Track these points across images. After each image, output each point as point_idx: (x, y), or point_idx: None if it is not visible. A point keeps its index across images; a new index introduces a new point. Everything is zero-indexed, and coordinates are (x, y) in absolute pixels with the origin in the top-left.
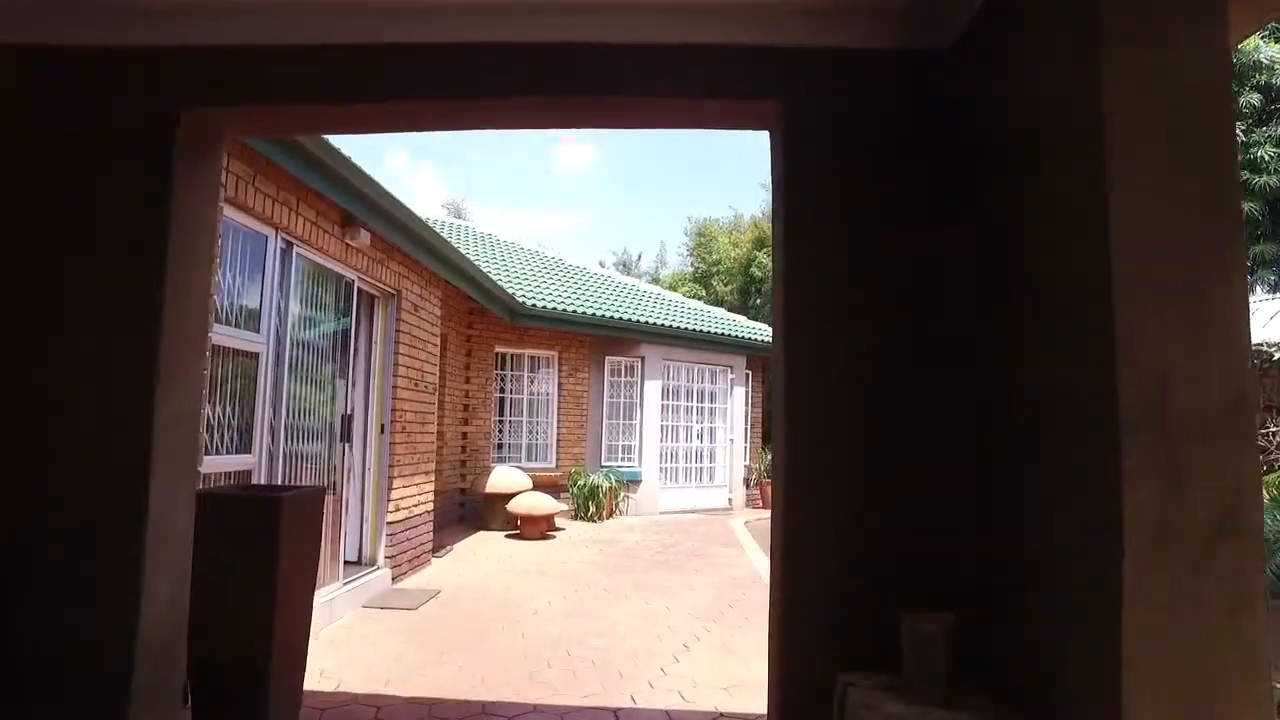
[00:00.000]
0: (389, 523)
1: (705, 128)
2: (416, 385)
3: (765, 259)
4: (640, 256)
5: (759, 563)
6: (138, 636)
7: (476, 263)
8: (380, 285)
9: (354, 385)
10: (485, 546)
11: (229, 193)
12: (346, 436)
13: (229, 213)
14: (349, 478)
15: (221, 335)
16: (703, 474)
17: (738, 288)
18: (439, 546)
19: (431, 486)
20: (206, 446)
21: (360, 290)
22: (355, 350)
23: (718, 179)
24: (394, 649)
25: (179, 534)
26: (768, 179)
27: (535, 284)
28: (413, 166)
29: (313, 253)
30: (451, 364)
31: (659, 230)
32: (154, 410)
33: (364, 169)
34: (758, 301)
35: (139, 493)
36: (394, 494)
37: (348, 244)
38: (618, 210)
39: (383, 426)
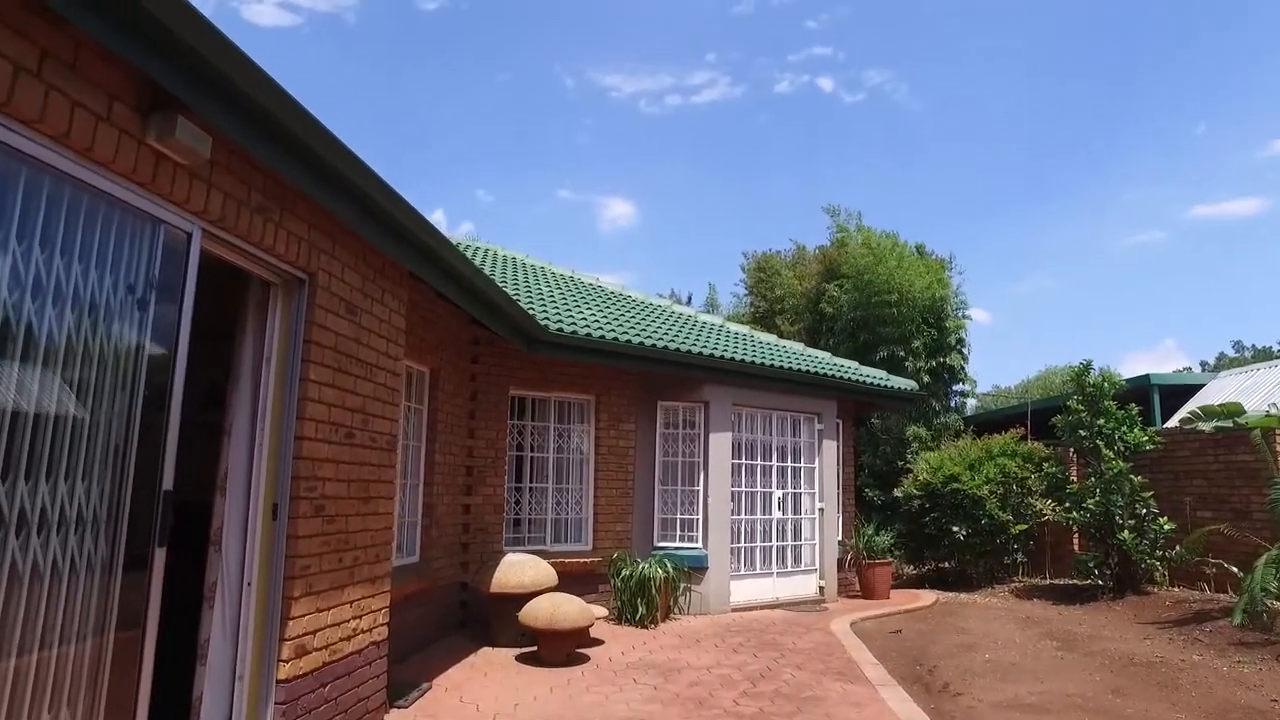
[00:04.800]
0: (282, 681)
1: None
2: (350, 437)
3: (836, 292)
4: (690, 298)
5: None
6: None
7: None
8: (267, 258)
9: (229, 435)
10: (481, 682)
11: None
12: (161, 537)
13: None
14: (211, 598)
15: None
16: (786, 555)
17: (805, 327)
18: (410, 683)
19: (382, 603)
20: None
21: (212, 257)
22: (236, 373)
23: (767, 217)
24: None
25: None
26: (830, 202)
27: (564, 307)
28: (451, 227)
29: (40, 143)
30: (447, 411)
31: (709, 276)
32: None
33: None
34: (830, 341)
35: None
36: (294, 627)
37: (156, 149)
38: (664, 260)
39: (274, 508)
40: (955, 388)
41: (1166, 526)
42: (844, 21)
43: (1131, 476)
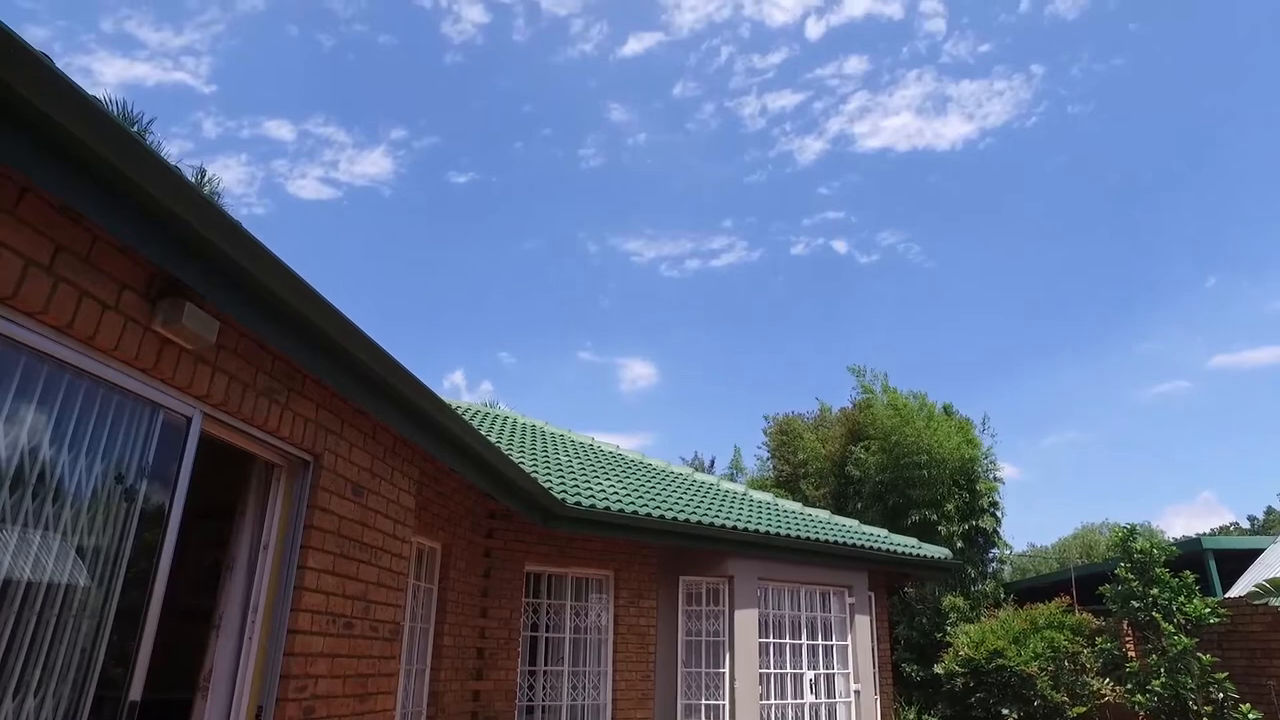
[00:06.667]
0: None
1: None
2: (350, 628)
3: (862, 454)
4: (713, 462)
5: None
6: None
7: (504, 454)
8: (272, 440)
9: (218, 629)
10: None
11: None
12: None
13: None
14: None
15: None
16: None
17: (830, 491)
18: None
19: None
20: None
21: (214, 439)
22: (232, 559)
23: (788, 377)
24: None
25: None
26: (856, 363)
27: (583, 477)
28: (471, 387)
29: (40, 333)
30: (458, 589)
31: (731, 436)
32: None
33: (188, 179)
34: (857, 505)
35: None
36: None
37: (161, 334)
38: (685, 422)
39: (259, 712)
40: (990, 553)
41: (1251, 715)
42: (855, 186)
43: (1199, 655)
